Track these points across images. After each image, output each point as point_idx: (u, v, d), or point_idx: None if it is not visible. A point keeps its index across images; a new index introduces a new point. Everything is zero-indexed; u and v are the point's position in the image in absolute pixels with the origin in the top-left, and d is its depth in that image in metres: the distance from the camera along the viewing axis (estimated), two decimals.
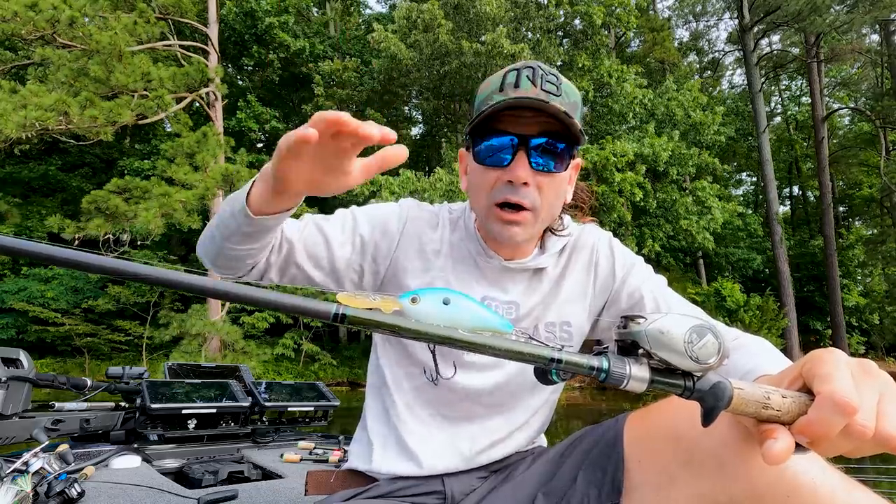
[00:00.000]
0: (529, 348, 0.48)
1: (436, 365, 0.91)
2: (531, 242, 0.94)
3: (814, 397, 0.49)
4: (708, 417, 0.49)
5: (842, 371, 0.48)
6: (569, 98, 0.81)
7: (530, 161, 0.80)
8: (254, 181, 0.72)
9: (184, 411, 1.97)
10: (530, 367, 0.93)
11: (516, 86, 0.80)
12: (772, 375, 0.59)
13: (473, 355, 0.92)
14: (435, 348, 0.91)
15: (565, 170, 0.84)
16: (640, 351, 0.50)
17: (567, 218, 0.99)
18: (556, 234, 0.96)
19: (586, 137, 0.83)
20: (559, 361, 0.48)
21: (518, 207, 0.82)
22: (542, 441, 1.07)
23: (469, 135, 0.86)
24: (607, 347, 0.53)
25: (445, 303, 0.51)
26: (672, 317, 0.49)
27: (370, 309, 0.47)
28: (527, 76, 0.80)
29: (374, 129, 0.56)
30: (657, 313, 0.51)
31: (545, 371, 0.56)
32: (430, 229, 0.96)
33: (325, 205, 17.54)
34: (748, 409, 0.49)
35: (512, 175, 0.80)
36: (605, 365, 0.49)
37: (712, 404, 0.49)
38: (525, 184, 0.81)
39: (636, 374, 0.49)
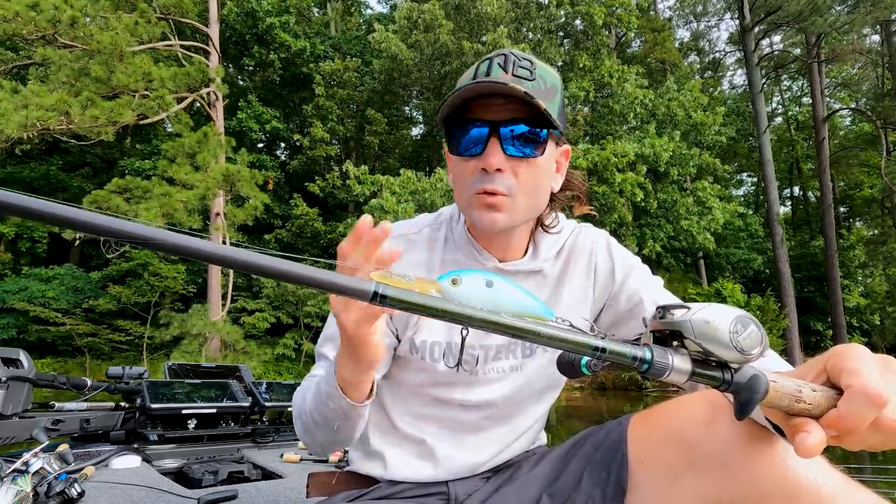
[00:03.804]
0: (574, 336, 0.46)
1: (461, 354, 0.89)
2: (520, 237, 0.91)
3: (840, 392, 0.49)
4: (744, 410, 0.49)
5: (868, 365, 0.48)
6: (545, 83, 0.79)
7: (503, 147, 0.78)
8: (336, 387, 0.72)
9: (184, 411, 1.97)
10: (537, 378, 0.94)
11: (487, 74, 0.78)
12: (789, 370, 0.58)
13: (488, 369, 0.91)
14: (466, 337, 0.88)
15: (542, 154, 0.81)
16: (675, 343, 0.50)
17: (561, 215, 0.97)
18: (548, 232, 0.94)
19: (560, 124, 0.80)
20: (603, 350, 0.46)
21: (495, 194, 0.80)
22: (543, 438, 1.07)
23: (444, 127, 0.84)
24: (640, 337, 0.52)
25: (488, 285, 0.48)
26: (715, 306, 0.49)
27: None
28: (498, 63, 0.79)
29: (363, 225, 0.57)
30: (700, 303, 0.50)
31: (572, 365, 0.55)
32: (407, 256, 0.92)
33: (329, 214, 17.56)
34: (782, 403, 0.49)
35: (485, 163, 0.78)
36: (647, 355, 0.47)
37: (747, 397, 0.48)
38: (499, 170, 0.79)
39: (678, 366, 0.48)
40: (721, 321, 0.47)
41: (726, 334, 0.47)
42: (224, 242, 11.85)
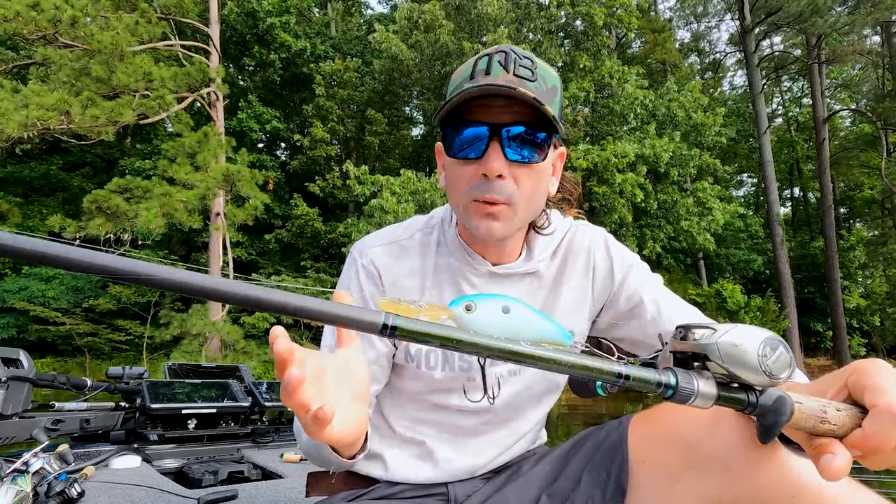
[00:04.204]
0: (597, 363, 0.44)
1: (484, 381, 0.88)
2: (515, 241, 0.89)
3: (863, 410, 0.48)
4: (769, 434, 0.47)
5: (893, 382, 0.47)
6: (546, 83, 0.77)
7: (504, 152, 0.75)
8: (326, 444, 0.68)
9: (184, 411, 1.97)
10: (537, 382, 0.93)
11: (487, 72, 0.75)
12: (807, 385, 0.58)
13: (486, 374, 0.90)
14: (485, 365, 0.87)
15: (544, 159, 0.79)
16: (697, 364, 0.48)
17: (555, 214, 0.95)
18: (540, 234, 0.92)
19: (563, 127, 0.78)
20: (627, 377, 0.45)
21: (494, 202, 0.77)
22: (543, 437, 1.07)
23: (440, 127, 0.81)
24: (656, 357, 0.51)
25: (505, 311, 0.46)
26: (743, 328, 0.47)
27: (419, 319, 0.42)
28: (498, 61, 0.75)
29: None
30: (726, 324, 0.48)
31: (587, 385, 0.53)
32: (399, 263, 0.90)
33: (330, 214, 17.55)
34: (807, 424, 0.47)
35: (485, 168, 0.75)
36: (672, 381, 0.46)
37: (773, 420, 0.46)
38: (500, 176, 0.76)
39: (704, 391, 0.46)
40: (749, 344, 0.45)
41: (755, 358, 0.45)
42: (224, 244, 11.88)
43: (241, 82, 20.24)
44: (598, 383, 0.50)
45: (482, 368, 0.86)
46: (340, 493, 0.93)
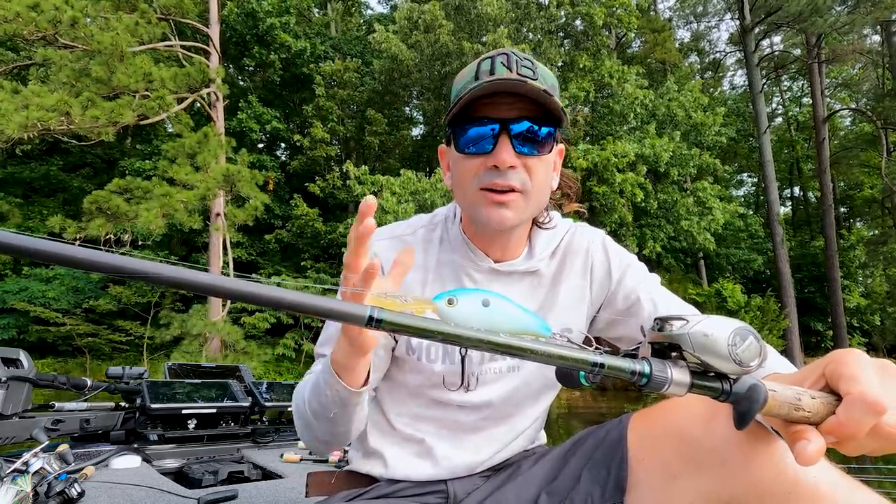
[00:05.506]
0: (573, 353, 0.46)
1: (463, 374, 0.89)
2: (520, 234, 0.91)
3: (838, 398, 0.49)
4: (743, 420, 0.49)
5: (867, 372, 0.48)
6: (546, 81, 0.80)
7: (514, 145, 0.78)
8: (331, 372, 0.71)
9: (184, 411, 1.97)
10: (535, 379, 0.94)
11: (491, 73, 0.79)
12: (788, 374, 0.59)
13: (484, 370, 0.91)
14: (465, 357, 0.89)
15: (549, 152, 0.83)
16: (674, 354, 0.50)
17: (555, 215, 0.97)
18: (543, 228, 0.94)
19: (568, 118, 0.82)
20: (602, 366, 0.46)
21: (506, 190, 0.80)
22: (542, 438, 1.07)
23: (448, 126, 0.84)
24: (637, 348, 0.53)
25: (485, 304, 0.48)
26: (713, 319, 0.49)
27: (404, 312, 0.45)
28: (501, 62, 0.79)
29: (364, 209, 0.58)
30: (697, 315, 0.50)
31: (571, 376, 0.55)
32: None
33: (330, 214, 17.57)
34: (781, 411, 0.49)
35: (496, 160, 0.78)
36: (646, 369, 0.47)
37: (747, 407, 0.48)
38: (511, 167, 0.79)
39: (677, 379, 0.48)
40: (719, 334, 0.47)
41: (725, 347, 0.47)
42: (224, 244, 11.88)
43: (241, 83, 20.24)
44: (581, 374, 0.52)
45: (462, 359, 0.88)
46: (340, 492, 0.93)
